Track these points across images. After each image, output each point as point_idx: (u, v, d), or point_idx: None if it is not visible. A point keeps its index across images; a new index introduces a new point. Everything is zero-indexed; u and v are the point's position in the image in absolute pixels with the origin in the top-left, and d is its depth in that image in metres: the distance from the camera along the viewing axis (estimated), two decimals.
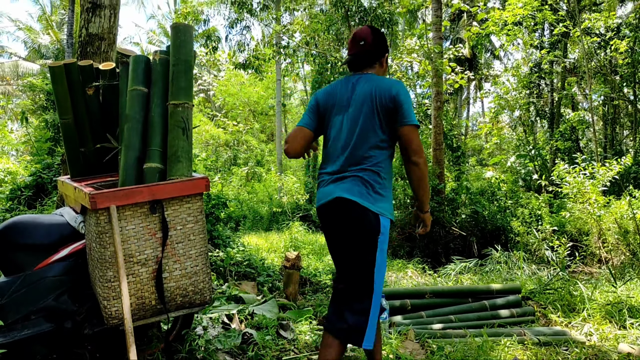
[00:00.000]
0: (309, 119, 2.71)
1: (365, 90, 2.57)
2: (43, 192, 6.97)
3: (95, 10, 4.72)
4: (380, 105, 2.53)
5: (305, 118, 2.71)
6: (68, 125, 3.14)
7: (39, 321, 2.69)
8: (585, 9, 16.27)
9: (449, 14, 24.36)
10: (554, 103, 18.38)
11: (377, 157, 2.55)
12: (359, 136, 2.54)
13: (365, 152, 2.53)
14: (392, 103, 2.51)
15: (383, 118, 2.54)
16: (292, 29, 15.90)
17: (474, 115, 39.04)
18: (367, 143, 2.53)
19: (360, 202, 2.47)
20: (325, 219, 2.64)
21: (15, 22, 29.84)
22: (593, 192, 9.18)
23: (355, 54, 2.69)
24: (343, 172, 2.55)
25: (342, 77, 2.75)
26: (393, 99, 2.51)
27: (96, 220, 2.49)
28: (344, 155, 2.56)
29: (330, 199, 2.54)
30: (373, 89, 2.56)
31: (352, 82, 2.65)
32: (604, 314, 4.73)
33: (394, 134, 2.57)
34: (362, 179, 2.51)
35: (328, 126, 2.68)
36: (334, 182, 2.56)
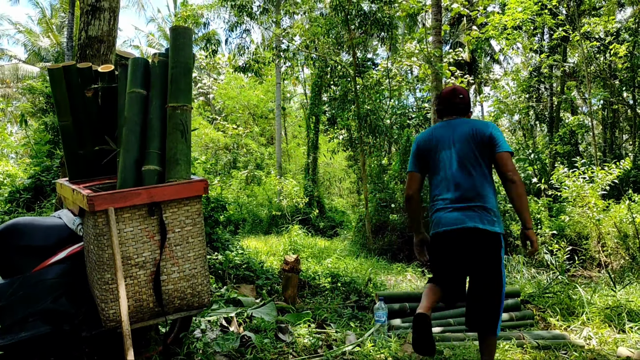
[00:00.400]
0: (414, 165, 3.28)
1: (465, 130, 3.14)
2: (42, 194, 6.96)
3: (95, 13, 4.72)
4: (480, 140, 3.10)
5: (411, 164, 3.30)
6: (67, 128, 3.14)
7: (36, 323, 2.68)
8: (584, 13, 16.30)
9: (448, 18, 24.40)
10: (553, 107, 18.39)
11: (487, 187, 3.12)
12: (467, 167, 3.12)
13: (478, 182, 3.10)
14: (488, 139, 3.08)
15: (483, 149, 3.10)
16: (292, 33, 15.93)
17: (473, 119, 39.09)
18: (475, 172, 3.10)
19: (489, 228, 3.00)
20: (454, 243, 3.08)
21: (16, 25, 29.88)
22: (592, 196, 9.18)
23: (456, 103, 3.28)
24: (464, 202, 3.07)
25: (440, 122, 3.33)
26: (490, 135, 3.09)
27: (94, 222, 2.49)
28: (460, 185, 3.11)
29: (460, 227, 3.02)
30: (472, 129, 3.14)
31: (452, 125, 3.21)
32: (603, 317, 4.72)
33: (491, 161, 3.12)
34: (484, 208, 3.05)
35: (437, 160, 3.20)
36: (458, 210, 3.06)
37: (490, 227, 2.99)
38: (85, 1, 4.75)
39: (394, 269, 8.71)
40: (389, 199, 11.95)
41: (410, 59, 13.40)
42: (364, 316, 4.68)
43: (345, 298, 5.38)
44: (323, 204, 18.63)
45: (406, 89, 18.59)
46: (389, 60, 14.86)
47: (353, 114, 13.87)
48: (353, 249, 11.23)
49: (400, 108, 17.34)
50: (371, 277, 6.36)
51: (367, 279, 6.16)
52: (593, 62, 15.28)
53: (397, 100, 17.88)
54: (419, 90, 20.17)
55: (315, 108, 19.04)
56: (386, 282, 7.20)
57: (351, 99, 13.50)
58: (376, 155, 14.55)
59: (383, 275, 7.91)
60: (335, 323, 4.36)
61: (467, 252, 3.06)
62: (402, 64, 14.12)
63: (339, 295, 5.43)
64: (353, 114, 13.85)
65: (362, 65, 16.78)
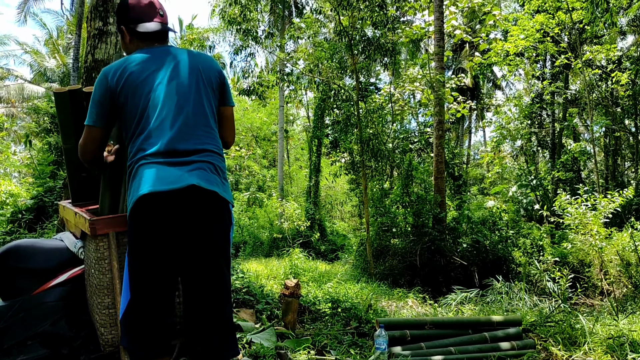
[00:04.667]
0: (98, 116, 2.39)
1: (188, 63, 2.40)
2: (44, 215, 6.97)
3: (101, 36, 4.79)
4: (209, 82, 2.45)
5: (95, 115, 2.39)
6: (71, 151, 3.16)
7: (35, 347, 2.67)
8: (586, 41, 16.46)
9: (451, 44, 24.64)
10: (555, 133, 18.46)
11: None
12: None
13: None
14: (221, 84, 2.50)
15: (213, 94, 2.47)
16: (296, 57, 16.08)
17: (475, 144, 39.23)
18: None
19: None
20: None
21: (22, 45, 30.25)
22: (595, 224, 9.17)
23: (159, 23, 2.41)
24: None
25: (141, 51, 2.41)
26: (223, 79, 2.51)
27: (95, 246, 2.49)
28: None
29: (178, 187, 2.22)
30: (197, 64, 2.42)
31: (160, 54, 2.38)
32: (605, 347, 4.67)
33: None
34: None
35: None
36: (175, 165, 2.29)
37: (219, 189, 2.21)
38: (93, 25, 4.83)
39: (395, 295, 8.66)
40: (391, 223, 11.93)
41: (413, 84, 13.51)
42: (364, 343, 4.64)
43: (345, 324, 5.35)
44: (324, 227, 18.61)
45: (409, 114, 18.71)
46: (391, 85, 14.97)
47: (355, 138, 13.94)
48: (354, 273, 11.18)
49: (403, 132, 17.42)
50: (372, 303, 6.32)
51: (367, 304, 6.13)
52: (595, 89, 15.38)
53: (399, 124, 17.98)
54: (421, 115, 20.30)
55: (318, 131, 19.15)
56: (387, 308, 7.15)
57: (354, 122, 13.57)
58: (378, 180, 14.58)
59: (384, 300, 7.87)
60: (335, 350, 4.32)
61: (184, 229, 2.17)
62: (404, 89, 14.21)
63: (339, 321, 5.39)
64: (355, 137, 13.92)
65: (365, 90, 16.93)
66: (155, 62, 2.29)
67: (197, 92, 2.28)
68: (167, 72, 2.27)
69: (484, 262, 10.57)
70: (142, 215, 2.11)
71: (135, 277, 2.15)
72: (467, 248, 10.87)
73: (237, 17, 14.57)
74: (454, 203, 13.77)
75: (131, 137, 2.23)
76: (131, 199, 2.13)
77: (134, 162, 2.17)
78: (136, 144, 2.19)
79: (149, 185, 2.07)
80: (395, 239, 11.76)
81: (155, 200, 2.08)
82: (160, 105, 2.20)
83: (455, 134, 30.28)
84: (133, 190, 2.13)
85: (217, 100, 2.40)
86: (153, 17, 2.38)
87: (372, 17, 12.09)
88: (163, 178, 2.09)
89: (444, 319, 5.26)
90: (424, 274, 10.50)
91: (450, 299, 7.66)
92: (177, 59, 2.33)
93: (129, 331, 2.16)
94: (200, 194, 2.13)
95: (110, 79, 2.22)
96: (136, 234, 2.14)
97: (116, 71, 2.24)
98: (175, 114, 2.20)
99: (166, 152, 2.14)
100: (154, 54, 2.32)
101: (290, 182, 26.01)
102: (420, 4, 12.48)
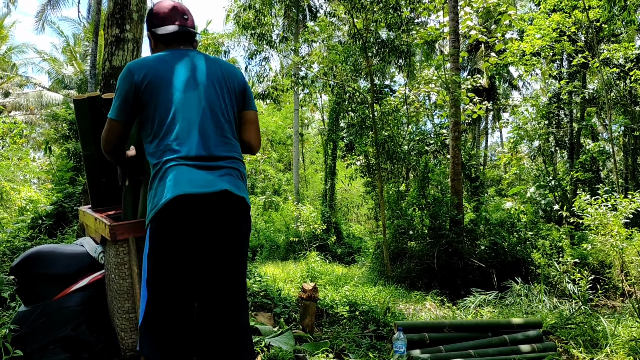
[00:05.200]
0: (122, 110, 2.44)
1: (212, 69, 2.45)
2: (64, 221, 7.05)
3: (119, 43, 4.84)
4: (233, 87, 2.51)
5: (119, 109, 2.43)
6: (90, 157, 3.19)
7: (56, 351, 2.70)
8: (604, 39, 16.27)
9: (466, 44, 24.52)
10: (573, 133, 18.26)
11: None
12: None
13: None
14: (243, 89, 2.54)
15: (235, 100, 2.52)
16: (310, 60, 16.11)
17: (492, 145, 38.94)
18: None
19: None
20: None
21: (40, 53, 30.71)
22: (615, 224, 9.04)
23: (183, 25, 2.46)
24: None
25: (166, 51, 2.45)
26: (244, 84, 2.55)
27: (115, 251, 2.52)
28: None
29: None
30: (221, 69, 2.48)
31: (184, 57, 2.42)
32: (628, 350, 4.61)
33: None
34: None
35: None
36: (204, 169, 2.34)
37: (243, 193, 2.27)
38: (110, 32, 4.88)
39: (412, 297, 8.62)
40: (407, 225, 11.88)
41: (428, 85, 13.46)
42: (382, 346, 4.62)
43: (363, 327, 5.33)
44: (341, 231, 18.59)
45: (424, 116, 18.64)
46: (406, 87, 14.93)
47: (371, 140, 13.91)
48: (371, 276, 11.15)
49: (418, 134, 17.36)
50: (389, 306, 6.30)
51: (385, 307, 6.11)
52: (613, 88, 15.19)
53: (414, 126, 17.91)
54: (436, 117, 20.19)
55: (333, 134, 19.15)
56: (405, 310, 7.12)
57: (369, 125, 13.56)
58: (394, 182, 14.54)
59: (402, 303, 7.83)
60: (353, 353, 4.31)
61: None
62: (419, 91, 14.17)
63: (357, 324, 5.38)
64: (371, 140, 13.89)
65: (380, 92, 16.90)
66: (180, 65, 2.32)
67: (221, 98, 2.32)
68: (192, 76, 2.29)
69: (502, 264, 10.48)
70: (173, 215, 2.09)
71: (156, 278, 2.13)
72: (485, 250, 10.79)
73: (251, 22, 14.65)
74: (471, 205, 13.67)
75: (155, 137, 2.23)
76: (161, 199, 2.11)
77: (162, 162, 2.16)
78: (162, 144, 2.19)
79: (182, 186, 2.08)
80: (412, 241, 11.71)
81: (188, 202, 2.08)
82: (187, 108, 2.22)
83: (472, 135, 30.10)
84: (163, 190, 2.11)
85: (240, 105, 2.44)
86: (174, 21, 2.43)
87: (386, 19, 12.07)
88: (196, 181, 2.11)
89: (463, 321, 5.23)
90: (442, 276, 10.43)
91: (468, 302, 7.61)
92: (202, 63, 2.36)
93: (148, 337, 2.14)
94: (230, 199, 2.17)
95: (137, 75, 2.24)
96: (162, 234, 2.12)
97: (142, 68, 2.26)
98: (202, 119, 2.23)
99: (195, 157, 2.16)
100: (177, 56, 2.35)
101: (305, 186, 26.04)
102: (435, 5, 12.43)
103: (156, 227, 2.13)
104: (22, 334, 2.67)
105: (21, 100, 28.92)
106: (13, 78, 30.68)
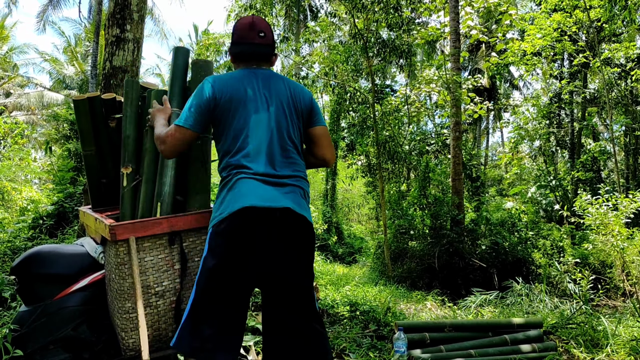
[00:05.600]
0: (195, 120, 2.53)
1: (281, 88, 2.52)
2: (65, 221, 7.05)
3: (119, 43, 4.85)
4: (300, 106, 2.57)
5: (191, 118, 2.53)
6: (90, 157, 3.20)
7: (57, 351, 2.70)
8: (605, 39, 16.25)
9: (467, 44, 24.50)
10: (574, 133, 18.25)
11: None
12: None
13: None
14: (310, 107, 2.61)
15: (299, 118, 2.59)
16: (311, 60, 16.11)
17: (493, 145, 38.93)
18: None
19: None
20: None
21: (42, 53, 30.74)
22: (616, 224, 9.03)
23: (258, 44, 2.52)
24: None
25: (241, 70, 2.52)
26: (311, 102, 2.62)
27: (116, 251, 2.52)
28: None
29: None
30: (290, 89, 2.55)
31: (259, 76, 2.51)
32: (629, 349, 4.60)
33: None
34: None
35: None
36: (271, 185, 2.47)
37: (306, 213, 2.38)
38: (110, 32, 4.89)
39: (413, 297, 8.62)
40: (408, 225, 11.88)
41: (429, 85, 13.45)
42: (383, 346, 4.62)
43: (364, 327, 5.33)
44: (342, 230, 18.59)
45: (425, 115, 18.63)
46: (407, 87, 14.93)
47: (372, 140, 13.91)
48: (372, 276, 11.14)
49: (419, 134, 17.35)
50: (390, 306, 6.29)
51: (386, 307, 6.11)
52: (614, 88, 15.17)
53: (415, 126, 17.90)
54: (437, 117, 20.18)
55: (334, 134, 19.14)
56: (405, 310, 7.12)
57: (370, 125, 13.56)
58: (395, 182, 14.53)
59: (402, 303, 7.83)
60: (354, 353, 4.31)
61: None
62: (420, 91, 14.16)
63: (358, 324, 5.38)
64: (372, 140, 13.89)
65: (381, 92, 16.89)
66: (254, 85, 2.40)
67: (289, 119, 2.42)
68: (264, 97, 2.39)
69: (503, 263, 10.47)
70: (236, 224, 2.20)
71: (207, 279, 2.22)
72: (486, 250, 10.78)
73: None
74: (472, 204, 13.67)
75: (227, 154, 2.34)
76: (228, 207, 2.23)
77: (233, 174, 2.29)
78: (234, 160, 2.31)
79: (250, 199, 2.21)
80: (413, 241, 11.70)
81: (252, 214, 2.19)
82: (258, 129, 2.33)
83: (473, 135, 30.08)
84: (231, 200, 2.24)
85: (308, 123, 2.53)
86: (252, 39, 2.48)
87: (387, 19, 12.07)
88: (262, 195, 2.23)
89: (464, 321, 5.22)
90: (443, 276, 10.43)
91: (469, 302, 7.60)
92: (273, 84, 2.45)
93: (187, 335, 2.20)
94: (291, 217, 2.26)
95: (217, 91, 2.34)
96: (223, 239, 2.22)
97: (220, 85, 2.36)
98: (270, 139, 2.34)
99: (264, 173, 2.28)
100: (252, 76, 2.44)
101: None
102: (436, 5, 12.43)
103: (218, 232, 2.24)
104: (22, 333, 2.67)
105: (22, 100, 28.94)
106: (14, 78, 30.71)
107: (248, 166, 2.27)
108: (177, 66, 2.89)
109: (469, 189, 14.88)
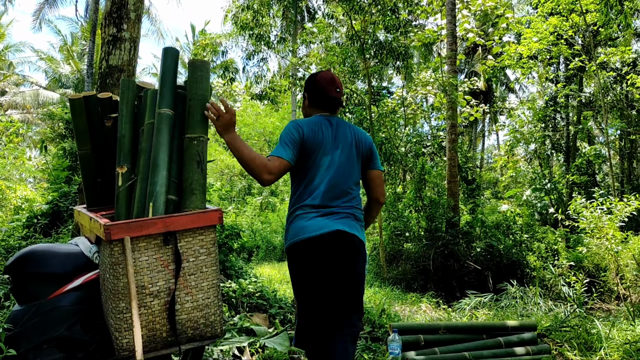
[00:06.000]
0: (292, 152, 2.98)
1: (348, 134, 2.92)
2: (59, 220, 7.02)
3: (115, 43, 4.83)
4: (362, 151, 2.98)
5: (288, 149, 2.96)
6: (86, 156, 3.19)
7: (51, 351, 2.69)
8: (600, 43, 16.31)
9: (464, 47, 24.56)
10: (569, 137, 18.31)
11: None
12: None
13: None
14: (369, 151, 3.02)
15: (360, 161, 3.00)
16: (308, 61, 16.11)
17: (489, 147, 38.99)
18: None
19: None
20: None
21: (37, 52, 30.61)
22: (610, 228, 9.07)
23: (334, 98, 2.92)
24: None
25: (317, 116, 2.95)
26: (371, 147, 3.04)
27: (110, 251, 2.51)
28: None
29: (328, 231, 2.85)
30: (355, 135, 2.96)
31: (333, 124, 2.92)
32: (622, 353, 4.62)
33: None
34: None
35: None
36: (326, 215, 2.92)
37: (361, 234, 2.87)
38: (107, 31, 4.88)
39: (408, 299, 8.63)
40: (404, 227, 11.89)
41: (426, 87, 13.47)
42: (377, 348, 4.62)
43: None
44: None
45: (421, 118, 18.66)
46: (404, 89, 14.94)
47: None
48: (367, 277, 11.13)
49: (415, 136, 17.37)
50: (385, 308, 6.30)
51: (381, 309, 6.11)
52: (610, 92, 15.24)
53: (412, 128, 17.93)
54: (434, 119, 20.20)
55: None
56: (400, 312, 7.13)
57: (366, 126, 13.56)
58: (391, 184, 14.54)
59: (397, 305, 7.84)
60: None
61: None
62: (417, 93, 14.18)
63: None
64: None
65: (378, 94, 16.89)
66: (329, 131, 2.83)
67: (352, 161, 2.86)
68: (336, 142, 2.82)
69: (498, 266, 10.49)
70: (299, 253, 2.77)
71: (298, 292, 2.85)
72: (480, 252, 10.80)
73: (249, 23, 14.63)
74: (467, 207, 13.69)
75: (299, 188, 2.82)
76: (291, 239, 2.79)
77: (297, 208, 2.80)
78: (300, 192, 2.80)
79: (305, 232, 2.72)
80: (408, 243, 11.72)
81: (308, 243, 2.71)
82: (326, 168, 2.78)
83: (469, 137, 30.13)
84: (293, 232, 2.78)
85: (366, 165, 2.97)
86: (331, 92, 2.89)
87: (384, 21, 12.07)
88: (313, 226, 2.72)
89: (458, 323, 5.23)
90: (438, 278, 10.44)
91: (464, 304, 7.62)
92: (342, 131, 2.88)
93: (300, 333, 2.81)
94: (343, 236, 2.73)
95: (306, 130, 2.76)
96: (296, 266, 2.83)
97: (307, 128, 2.77)
98: (334, 177, 2.78)
99: (320, 206, 2.75)
100: (327, 123, 2.86)
101: None
102: (433, 8, 12.46)
103: (291, 259, 2.86)
104: (15, 333, 2.66)
105: (18, 99, 28.84)
106: (10, 76, 30.60)
107: (308, 201, 2.75)
108: (167, 67, 2.89)
109: (464, 192, 14.91)
